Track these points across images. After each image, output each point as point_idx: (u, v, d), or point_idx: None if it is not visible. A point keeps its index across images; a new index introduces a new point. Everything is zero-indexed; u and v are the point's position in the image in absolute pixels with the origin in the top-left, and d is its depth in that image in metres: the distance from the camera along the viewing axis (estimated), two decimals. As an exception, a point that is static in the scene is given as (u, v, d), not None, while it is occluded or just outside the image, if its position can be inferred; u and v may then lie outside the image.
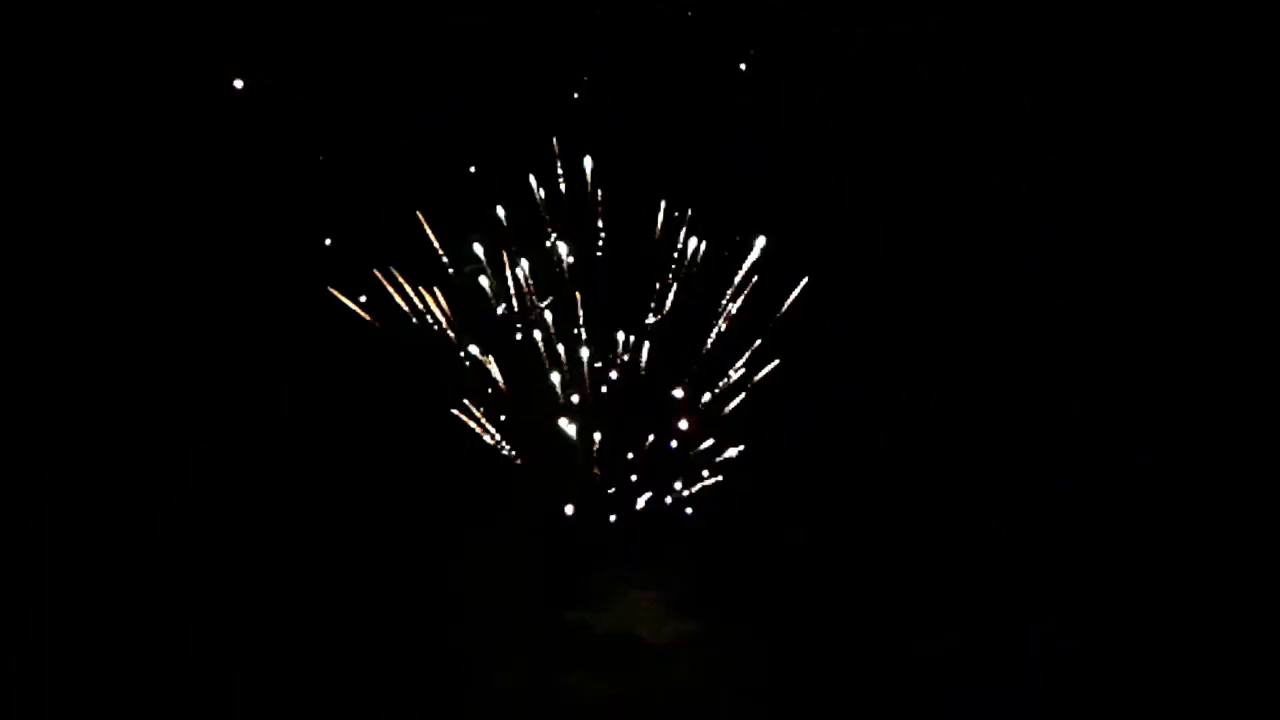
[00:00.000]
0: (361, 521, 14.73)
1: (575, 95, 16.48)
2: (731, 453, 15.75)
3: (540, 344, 15.62)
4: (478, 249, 15.62)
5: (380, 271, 15.54)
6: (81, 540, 13.95)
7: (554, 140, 15.82)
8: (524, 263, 15.69)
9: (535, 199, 15.80)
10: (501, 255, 15.68)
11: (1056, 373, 15.76)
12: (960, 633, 13.96)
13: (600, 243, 16.00)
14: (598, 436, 15.49)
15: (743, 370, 15.82)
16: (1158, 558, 14.15)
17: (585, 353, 15.69)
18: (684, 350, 15.90)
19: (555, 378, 15.49)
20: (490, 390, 15.63)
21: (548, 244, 15.84)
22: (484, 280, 15.71)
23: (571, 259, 15.82)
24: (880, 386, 15.86)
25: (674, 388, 15.88)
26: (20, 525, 13.85)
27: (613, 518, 15.13)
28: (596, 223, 16.00)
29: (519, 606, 14.15)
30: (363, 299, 15.52)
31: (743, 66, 16.70)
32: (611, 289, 15.87)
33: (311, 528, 14.59)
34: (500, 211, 15.73)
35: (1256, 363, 15.19)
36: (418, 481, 15.17)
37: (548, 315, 15.57)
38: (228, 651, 13.24)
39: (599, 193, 15.87)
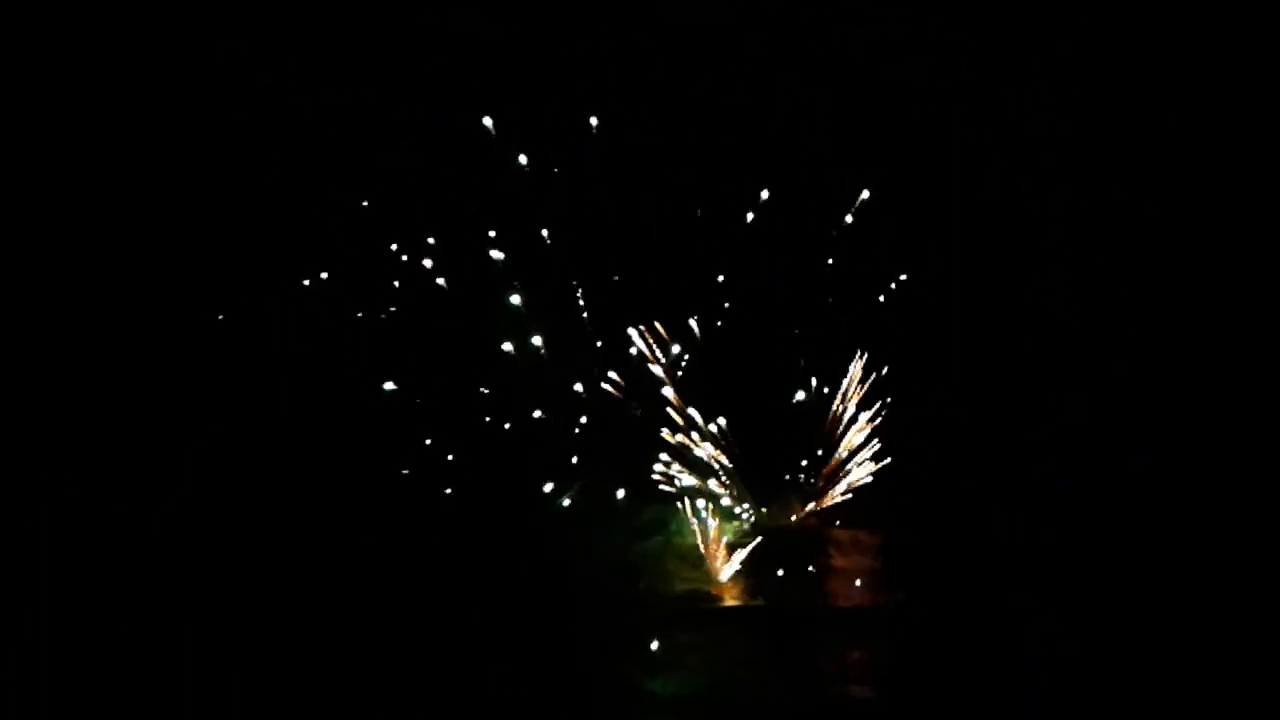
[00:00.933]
0: (374, 536, 14.63)
1: (575, 95, 16.45)
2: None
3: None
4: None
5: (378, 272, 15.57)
6: (81, 540, 13.94)
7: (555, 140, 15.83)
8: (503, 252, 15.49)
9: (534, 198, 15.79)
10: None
11: (1056, 373, 15.76)
12: (960, 632, 13.96)
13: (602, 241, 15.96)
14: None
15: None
16: (1157, 558, 14.15)
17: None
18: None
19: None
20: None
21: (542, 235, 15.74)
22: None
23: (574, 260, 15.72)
24: (879, 387, 15.85)
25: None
26: (20, 525, 13.84)
27: (655, 646, 13.97)
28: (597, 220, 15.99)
29: (585, 670, 13.56)
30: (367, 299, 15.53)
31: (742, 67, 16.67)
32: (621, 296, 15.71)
33: (315, 529, 14.57)
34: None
35: (1256, 363, 15.20)
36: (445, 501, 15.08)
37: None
38: (228, 651, 13.23)
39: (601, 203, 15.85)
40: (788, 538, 15.60)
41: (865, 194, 15.57)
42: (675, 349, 15.57)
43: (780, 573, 15.03)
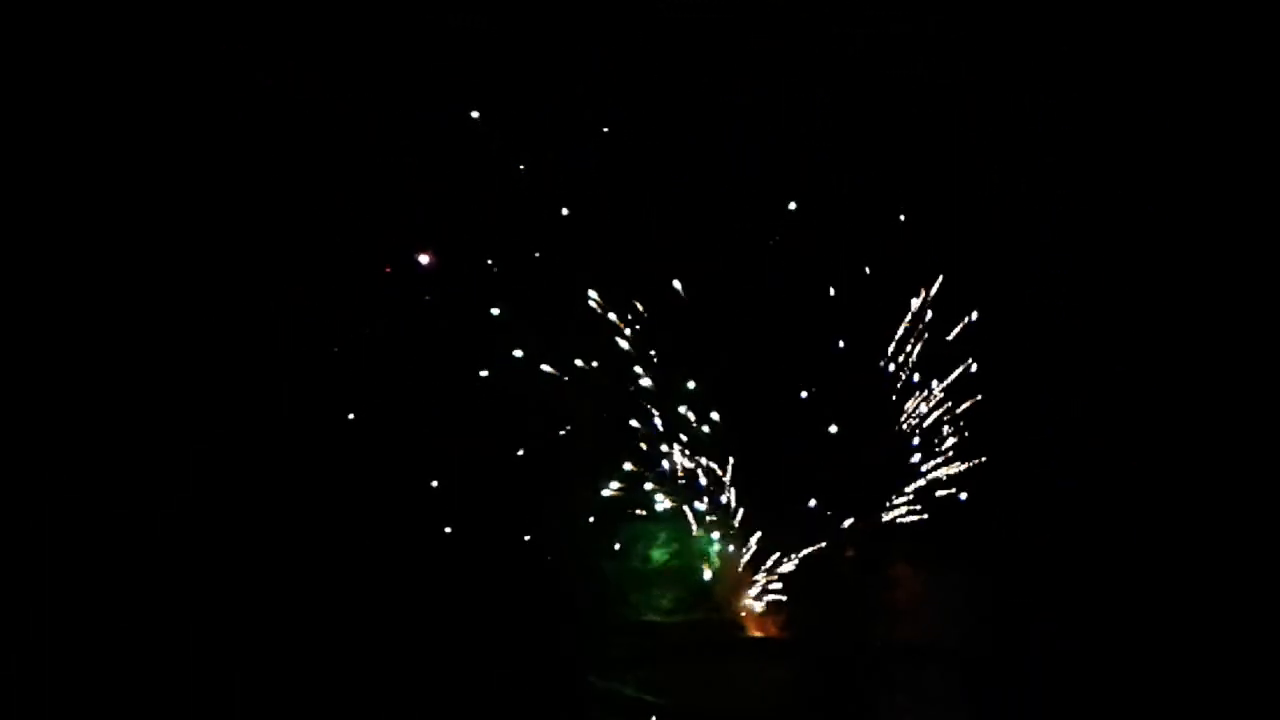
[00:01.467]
0: (374, 538, 14.58)
1: (575, 95, 16.44)
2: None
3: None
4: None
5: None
6: (82, 540, 13.94)
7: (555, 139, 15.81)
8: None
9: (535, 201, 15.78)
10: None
11: (1056, 373, 15.76)
12: (961, 633, 13.98)
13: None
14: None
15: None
16: (1158, 558, 14.16)
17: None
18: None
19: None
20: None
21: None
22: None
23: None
24: (878, 389, 15.86)
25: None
26: (20, 525, 13.85)
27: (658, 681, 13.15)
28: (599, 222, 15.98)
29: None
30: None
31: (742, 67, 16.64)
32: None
33: (316, 530, 14.56)
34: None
35: (1257, 363, 15.22)
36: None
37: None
38: (228, 651, 13.24)
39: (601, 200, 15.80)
40: (820, 563, 14.41)
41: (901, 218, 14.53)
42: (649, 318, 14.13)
43: (809, 602, 14.16)
